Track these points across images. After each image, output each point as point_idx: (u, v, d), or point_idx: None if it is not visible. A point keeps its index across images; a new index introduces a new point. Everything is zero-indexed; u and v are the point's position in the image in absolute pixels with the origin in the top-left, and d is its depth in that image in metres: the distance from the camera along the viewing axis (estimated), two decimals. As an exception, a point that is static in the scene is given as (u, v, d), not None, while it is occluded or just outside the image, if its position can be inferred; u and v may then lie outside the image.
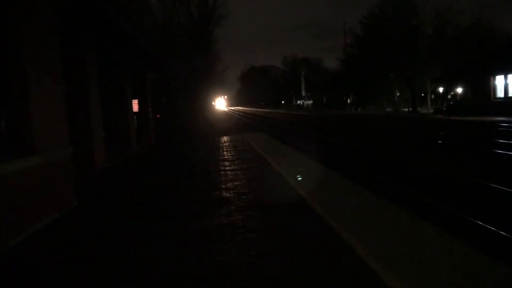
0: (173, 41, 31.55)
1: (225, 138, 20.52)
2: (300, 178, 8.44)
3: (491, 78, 34.01)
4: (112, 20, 10.10)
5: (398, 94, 58.75)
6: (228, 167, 10.95)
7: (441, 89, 61.23)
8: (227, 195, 7.56)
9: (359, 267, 3.98)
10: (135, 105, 18.30)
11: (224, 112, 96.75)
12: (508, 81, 32.37)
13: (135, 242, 5.25)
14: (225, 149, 15.48)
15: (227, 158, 12.96)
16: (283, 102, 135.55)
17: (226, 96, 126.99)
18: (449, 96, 62.19)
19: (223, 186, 8.44)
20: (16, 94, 5.94)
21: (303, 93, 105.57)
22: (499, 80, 33.43)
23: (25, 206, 5.75)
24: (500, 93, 33.41)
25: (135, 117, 17.66)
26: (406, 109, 57.03)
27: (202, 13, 40.70)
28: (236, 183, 8.66)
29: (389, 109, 63.06)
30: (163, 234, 5.47)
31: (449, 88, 60.47)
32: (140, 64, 18.20)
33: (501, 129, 22.34)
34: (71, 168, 7.51)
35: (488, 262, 4.04)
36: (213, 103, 77.28)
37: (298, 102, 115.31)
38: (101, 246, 5.21)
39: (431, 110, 48.16)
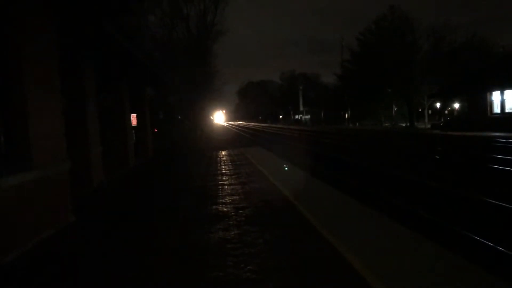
0: (172, 57, 31.75)
1: (223, 153, 20.54)
2: None
3: (488, 94, 34.16)
4: (111, 37, 10.17)
5: (395, 109, 59.01)
6: (226, 182, 10.95)
7: (438, 105, 61.67)
8: (225, 209, 7.55)
9: None
10: (133, 119, 18.33)
11: (223, 126, 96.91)
12: (505, 97, 32.52)
13: (132, 258, 5.23)
14: (223, 164, 15.49)
15: (225, 172, 12.96)
16: (280, 116, 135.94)
17: (224, 111, 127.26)
18: (446, 112, 62.53)
19: (221, 201, 8.43)
20: (14, 109, 5.96)
21: (301, 108, 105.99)
22: (496, 96, 33.58)
23: (22, 221, 5.73)
24: (497, 109, 33.53)
25: (133, 131, 17.68)
26: (404, 124, 57.21)
27: (201, 29, 41.07)
28: (235, 197, 8.66)
29: (386, 124, 63.28)
30: (160, 250, 5.46)
31: (446, 103, 60.92)
32: (138, 79, 18.28)
33: (499, 144, 22.41)
34: (68, 183, 7.51)
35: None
36: (211, 117, 77.40)
37: (296, 117, 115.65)
38: (97, 262, 5.19)
39: (429, 126, 48.32)
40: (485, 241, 6.61)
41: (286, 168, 13.65)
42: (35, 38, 6.50)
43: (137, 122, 19.20)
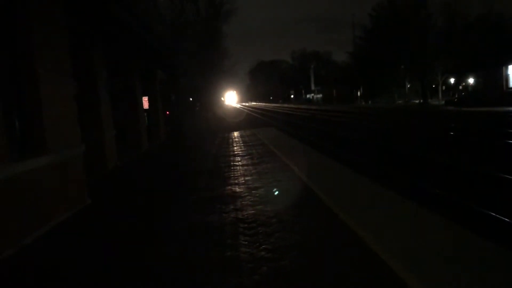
0: (181, 39, 31.60)
1: (235, 134, 20.56)
2: None
3: (503, 68, 33.55)
4: (120, 19, 10.15)
5: (408, 86, 58.27)
6: (239, 163, 10.98)
7: (452, 80, 60.64)
8: (239, 190, 7.59)
9: None
10: (145, 102, 18.39)
11: (234, 108, 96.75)
12: (521, 71, 32.00)
13: (147, 241, 5.30)
14: (235, 145, 15.52)
15: (238, 153, 12.98)
16: (292, 96, 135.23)
17: (235, 92, 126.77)
18: (460, 87, 61.54)
19: (235, 181, 8.47)
20: (27, 94, 6.02)
21: (313, 87, 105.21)
22: (512, 70, 33.04)
23: (39, 205, 5.83)
24: (513, 83, 33.05)
25: (145, 114, 17.75)
26: (417, 101, 56.53)
27: (210, 9, 40.71)
28: (248, 178, 8.69)
29: (399, 101, 62.60)
30: (175, 231, 5.52)
31: (460, 79, 59.86)
32: (149, 62, 18.27)
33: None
34: (83, 167, 7.60)
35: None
36: (222, 99, 77.28)
37: (308, 96, 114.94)
38: (114, 243, 5.27)
39: (442, 102, 47.71)
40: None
41: (298, 149, 13.63)
42: (46, 23, 6.50)
43: (149, 105, 19.25)
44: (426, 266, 3.77)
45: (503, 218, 6.37)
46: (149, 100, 19.33)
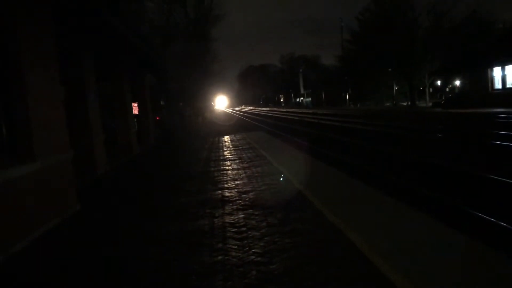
0: (170, 43, 31.58)
1: (226, 138, 20.57)
2: None
3: (489, 69, 33.96)
4: (109, 24, 10.13)
5: (396, 88, 58.74)
6: (229, 167, 11.00)
7: (439, 82, 61.32)
8: (229, 194, 7.60)
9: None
10: (135, 108, 18.33)
11: (224, 112, 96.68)
12: (506, 72, 32.33)
13: (137, 246, 5.29)
14: (226, 149, 15.53)
15: (228, 158, 13.00)
16: (282, 100, 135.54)
17: (225, 96, 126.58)
18: (447, 89, 62.19)
19: (225, 186, 8.49)
20: (14, 99, 5.97)
21: (302, 91, 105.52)
22: (497, 72, 33.39)
23: (27, 212, 5.79)
24: (498, 85, 33.37)
25: (135, 119, 17.70)
26: (405, 103, 56.99)
27: (199, 13, 40.73)
28: (238, 182, 8.71)
29: (387, 104, 63.06)
30: (165, 237, 5.51)
31: (447, 81, 60.53)
32: (138, 67, 18.22)
33: (502, 120, 22.30)
34: (72, 172, 7.56)
35: None
36: (212, 103, 77.24)
37: (297, 99, 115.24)
38: (104, 249, 5.26)
39: (430, 104, 48.16)
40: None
41: (288, 152, 13.68)
42: (33, 27, 6.47)
43: (139, 111, 19.20)
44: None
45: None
46: (138, 105, 19.27)
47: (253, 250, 4.59)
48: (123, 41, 12.35)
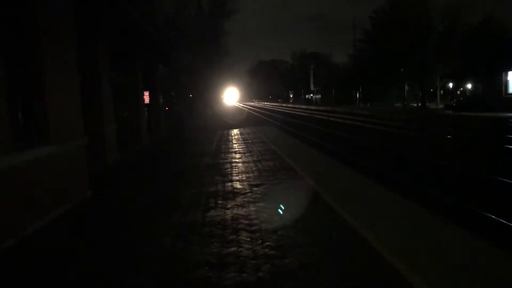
0: (183, 34, 31.57)
1: (235, 132, 20.56)
2: None
3: (503, 74, 33.69)
4: (125, 14, 10.13)
5: (407, 89, 58.34)
6: (239, 160, 10.99)
7: (450, 85, 60.77)
8: (239, 187, 7.59)
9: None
10: (146, 97, 18.33)
11: (234, 106, 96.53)
12: (520, 77, 32.16)
13: (145, 236, 5.30)
14: (235, 142, 15.52)
15: (238, 151, 12.98)
16: (291, 96, 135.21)
17: (236, 89, 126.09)
18: (458, 92, 61.64)
19: (235, 178, 8.48)
20: (32, 85, 6.00)
21: (312, 88, 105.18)
22: (511, 76, 33.14)
23: (39, 196, 5.81)
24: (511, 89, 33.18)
25: (146, 109, 17.71)
26: (415, 105, 56.59)
27: (213, 7, 40.68)
28: (249, 175, 8.70)
29: (398, 104, 62.64)
30: (174, 227, 5.52)
31: (459, 84, 59.96)
32: (151, 57, 18.23)
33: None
34: (85, 159, 7.59)
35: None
36: (222, 97, 77.19)
37: (307, 96, 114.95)
38: (112, 236, 5.28)
39: (441, 106, 47.81)
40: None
41: (299, 147, 13.65)
42: (52, 12, 6.48)
43: (150, 100, 19.19)
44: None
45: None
46: (149, 95, 19.27)
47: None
48: (137, 31, 12.34)
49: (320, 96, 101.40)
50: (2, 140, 4.95)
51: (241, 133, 19.57)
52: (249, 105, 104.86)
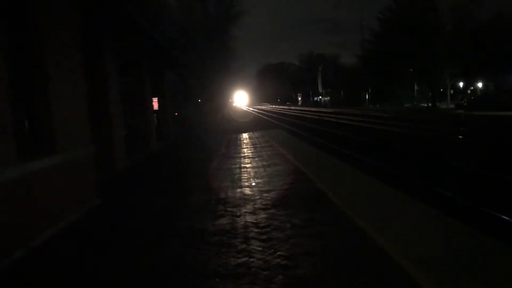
0: (190, 39, 31.58)
1: (244, 136, 20.45)
2: None
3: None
4: (132, 20, 10.09)
5: (416, 89, 57.85)
6: (248, 165, 10.86)
7: (460, 84, 60.14)
8: (249, 193, 7.46)
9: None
10: (154, 103, 18.32)
11: (242, 110, 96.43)
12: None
13: (154, 242, 5.19)
14: (244, 146, 15.40)
15: (247, 155, 12.86)
16: (299, 98, 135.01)
17: (245, 93, 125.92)
18: (468, 91, 60.99)
19: (245, 184, 8.35)
20: (37, 93, 5.93)
21: (320, 90, 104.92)
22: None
23: (47, 206, 5.73)
24: (524, 88, 32.74)
25: (155, 115, 17.69)
26: (425, 105, 56.08)
27: (219, 10, 40.69)
28: (258, 180, 8.56)
29: (407, 105, 62.13)
30: (185, 235, 5.40)
31: (469, 83, 59.30)
32: (159, 63, 18.22)
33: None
34: (93, 167, 7.51)
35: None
36: (230, 101, 77.32)
37: (315, 98, 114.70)
38: (121, 246, 5.17)
39: (451, 106, 47.32)
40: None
41: (309, 151, 13.50)
42: (56, 20, 6.43)
43: (158, 106, 19.18)
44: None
45: None
46: (158, 101, 19.25)
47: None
48: (145, 37, 12.30)
49: (328, 98, 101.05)
50: (7, 151, 4.87)
51: (250, 137, 19.45)
52: (258, 109, 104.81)
